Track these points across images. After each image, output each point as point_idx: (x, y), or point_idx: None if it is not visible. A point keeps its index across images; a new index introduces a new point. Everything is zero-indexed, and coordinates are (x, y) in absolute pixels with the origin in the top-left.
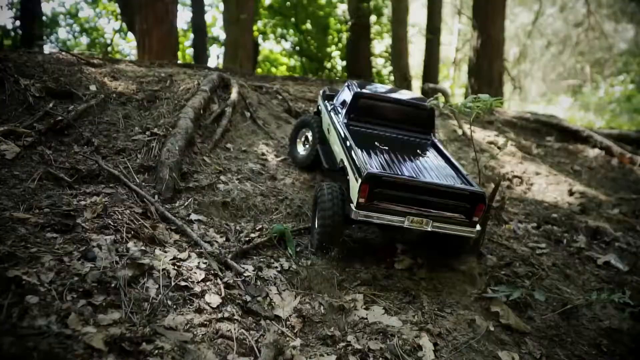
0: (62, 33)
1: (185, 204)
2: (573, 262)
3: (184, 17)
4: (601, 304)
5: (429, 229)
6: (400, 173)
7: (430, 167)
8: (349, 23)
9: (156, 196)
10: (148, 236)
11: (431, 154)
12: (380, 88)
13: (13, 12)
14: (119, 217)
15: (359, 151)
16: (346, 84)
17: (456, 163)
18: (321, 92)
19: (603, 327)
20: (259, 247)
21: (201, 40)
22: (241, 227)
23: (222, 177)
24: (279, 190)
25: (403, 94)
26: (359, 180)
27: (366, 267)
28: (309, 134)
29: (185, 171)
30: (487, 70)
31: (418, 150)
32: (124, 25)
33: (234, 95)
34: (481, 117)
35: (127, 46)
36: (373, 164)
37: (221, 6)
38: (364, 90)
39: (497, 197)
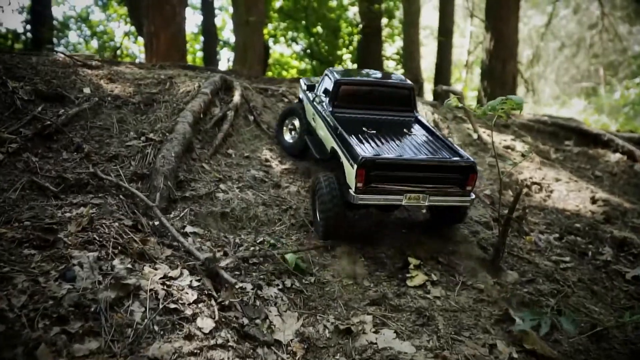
0: (73, 37)
1: (181, 215)
2: (600, 277)
3: (194, 20)
4: (633, 324)
5: (427, 204)
6: (392, 153)
7: (420, 144)
8: (360, 26)
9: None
10: (137, 251)
11: (418, 130)
12: (359, 73)
13: (24, 17)
14: (106, 230)
15: (350, 137)
16: (325, 73)
17: (442, 136)
18: (301, 82)
19: (636, 350)
20: (259, 263)
21: (211, 43)
22: (241, 240)
23: (221, 186)
24: (282, 199)
25: (382, 76)
26: (355, 166)
27: (375, 284)
28: (296, 122)
29: (182, 179)
30: (500, 72)
31: (404, 129)
32: (134, 28)
33: (236, 98)
34: (498, 121)
35: (138, 49)
36: (365, 148)
37: (231, 9)
38: (344, 78)
39: (517, 206)
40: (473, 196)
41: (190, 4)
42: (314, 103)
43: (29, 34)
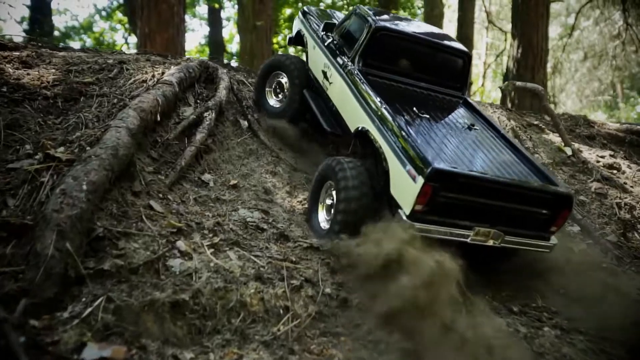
0: (76, 47)
1: (85, 313)
2: None
3: (202, 31)
4: None
5: (498, 245)
6: (460, 162)
7: (487, 148)
8: None
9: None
10: None
11: (477, 122)
12: (402, 21)
13: (21, 27)
14: None
15: (406, 126)
16: (355, 11)
17: (512, 140)
18: (305, 10)
19: None
20: None
21: (218, 53)
22: None
23: (180, 244)
24: (294, 265)
25: (432, 33)
26: (419, 178)
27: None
28: (284, 80)
29: (102, 235)
30: (530, 82)
31: (458, 117)
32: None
33: (221, 92)
34: (579, 131)
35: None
36: (430, 150)
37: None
38: (386, 24)
39: None
40: (556, 241)
41: (197, 15)
42: (330, 49)
43: None
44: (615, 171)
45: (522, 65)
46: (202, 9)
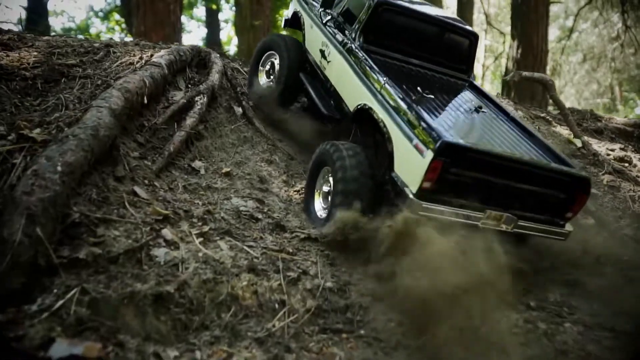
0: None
1: (56, 306)
2: None
3: (199, 33)
4: None
5: (510, 230)
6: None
7: (497, 129)
8: None
9: None
10: None
11: (485, 105)
12: None
13: (17, 28)
14: None
15: (406, 97)
16: None
17: (524, 122)
18: None
19: None
20: None
21: None
22: None
23: (166, 232)
24: (291, 256)
25: (437, 12)
26: (427, 152)
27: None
28: (276, 60)
29: (78, 221)
30: (529, 84)
31: (465, 99)
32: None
33: (213, 77)
34: (586, 125)
35: None
36: (440, 124)
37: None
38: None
39: None
40: (571, 228)
41: (195, 17)
42: (329, 27)
43: None
44: (626, 164)
45: (522, 66)
46: (200, 11)
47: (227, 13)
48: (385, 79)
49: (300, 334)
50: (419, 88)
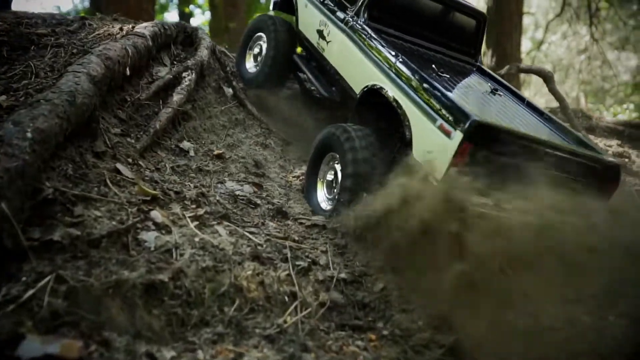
0: None
1: (25, 297)
2: None
3: None
4: None
5: None
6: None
7: (518, 113)
8: None
9: None
10: None
11: (499, 88)
12: None
13: None
14: None
15: (424, 75)
16: None
17: (542, 108)
18: None
19: None
20: None
21: None
22: None
23: (155, 214)
24: (297, 244)
25: None
26: (455, 134)
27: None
28: (264, 43)
29: (51, 198)
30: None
31: (479, 81)
32: None
33: (202, 52)
34: (578, 122)
35: None
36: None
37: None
38: None
39: None
40: None
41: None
42: (327, 5)
43: None
44: (626, 159)
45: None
46: (173, 15)
47: (199, 18)
48: (396, 56)
49: (315, 331)
50: (433, 66)
